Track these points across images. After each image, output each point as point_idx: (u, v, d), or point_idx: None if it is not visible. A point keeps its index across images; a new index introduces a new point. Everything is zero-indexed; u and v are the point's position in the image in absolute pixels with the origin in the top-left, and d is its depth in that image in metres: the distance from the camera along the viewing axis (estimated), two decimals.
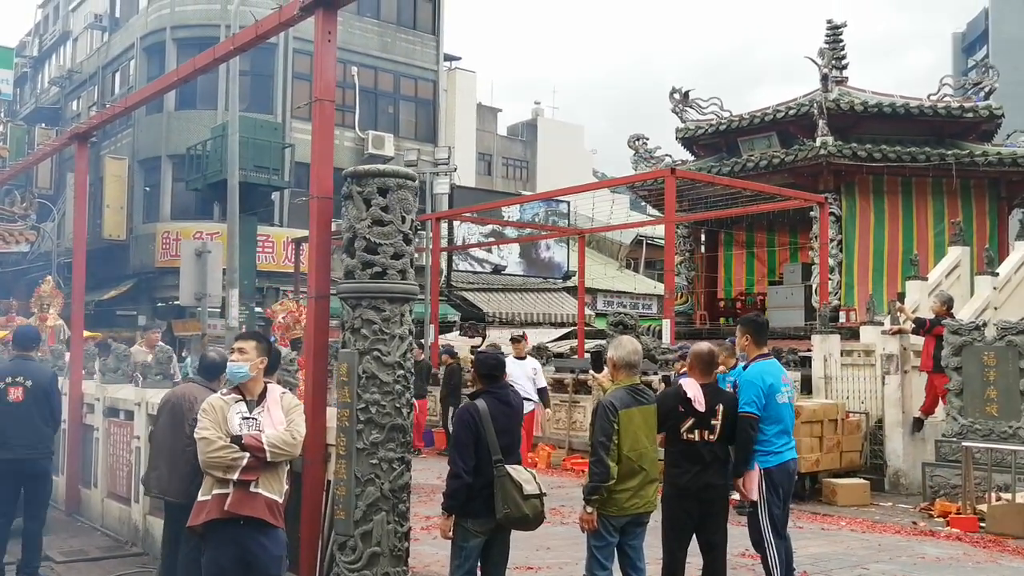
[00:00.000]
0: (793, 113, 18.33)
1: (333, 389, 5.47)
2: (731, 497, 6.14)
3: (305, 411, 4.98)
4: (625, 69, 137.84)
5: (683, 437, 5.44)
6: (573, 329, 24.51)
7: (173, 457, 5.70)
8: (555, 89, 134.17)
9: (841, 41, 19.03)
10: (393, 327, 5.13)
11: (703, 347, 5.76)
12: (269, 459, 4.56)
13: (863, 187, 17.80)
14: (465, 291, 29.70)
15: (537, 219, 31.86)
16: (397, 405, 5.10)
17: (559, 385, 13.98)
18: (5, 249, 20.94)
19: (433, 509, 7.26)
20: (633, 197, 30.33)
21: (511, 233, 30.01)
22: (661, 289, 25.67)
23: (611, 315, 16.55)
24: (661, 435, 5.46)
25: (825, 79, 17.71)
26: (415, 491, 5.95)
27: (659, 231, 31.09)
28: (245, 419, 4.64)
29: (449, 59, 35.76)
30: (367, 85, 29.34)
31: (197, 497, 4.67)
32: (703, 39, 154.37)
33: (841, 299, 17.33)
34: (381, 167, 5.37)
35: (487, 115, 47.25)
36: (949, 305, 11.43)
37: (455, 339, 22.96)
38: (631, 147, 20.90)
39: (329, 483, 5.37)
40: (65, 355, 10.56)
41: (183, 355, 17.44)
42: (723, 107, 20.45)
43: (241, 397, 4.73)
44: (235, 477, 4.50)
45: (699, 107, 20.64)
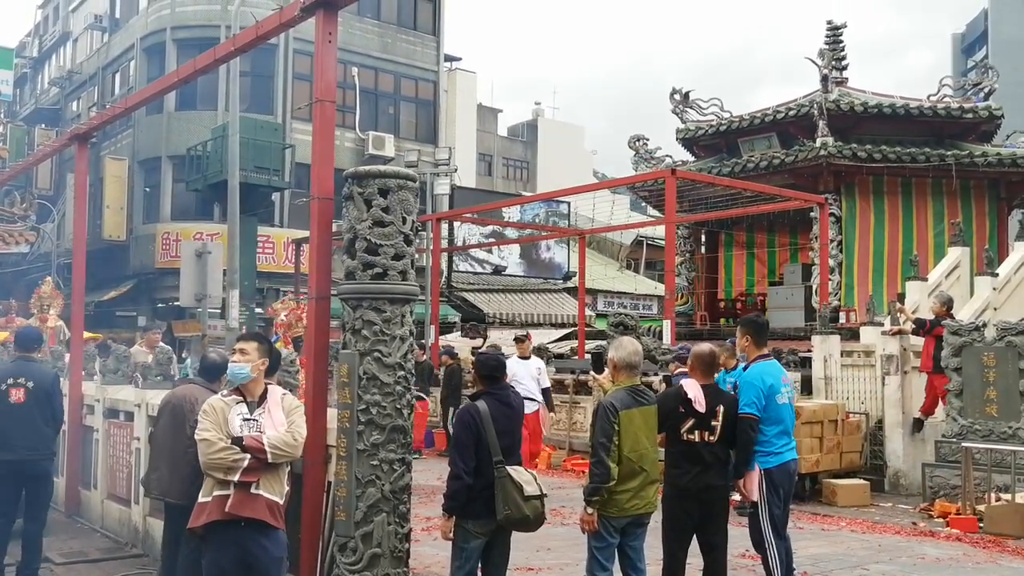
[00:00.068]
0: (793, 114, 18.34)
1: (334, 390, 5.47)
2: (732, 498, 6.14)
3: (306, 412, 4.98)
4: (625, 69, 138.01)
5: (683, 438, 5.45)
6: (573, 330, 24.51)
7: (174, 458, 5.69)
8: (555, 89, 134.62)
9: (841, 42, 19.04)
10: (394, 328, 5.13)
11: (704, 348, 5.77)
12: (270, 460, 4.55)
13: (863, 188, 17.81)
14: (465, 292, 29.70)
15: (537, 220, 31.86)
16: (398, 406, 5.10)
17: (560, 386, 13.98)
18: (5, 250, 20.93)
19: (434, 510, 7.26)
20: (633, 198, 30.34)
21: (511, 234, 29.99)
22: (661, 290, 25.71)
23: (611, 316, 16.55)
24: (661, 435, 5.47)
25: (825, 80, 17.71)
26: (416, 492, 5.94)
27: (659, 232, 31.08)
28: (246, 420, 4.63)
29: (449, 60, 35.76)
30: (367, 86, 29.35)
31: (198, 498, 4.66)
32: (703, 39, 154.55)
33: (841, 300, 17.34)
34: (382, 168, 5.37)
35: (487, 116, 47.24)
36: (949, 306, 11.43)
37: (456, 340, 22.96)
38: (631, 148, 20.91)
39: (330, 484, 5.37)
40: (65, 356, 10.54)
41: (183, 356, 17.45)
42: (723, 108, 20.47)
43: (242, 398, 4.73)
44: (236, 478, 4.50)
45: (699, 108, 20.65)
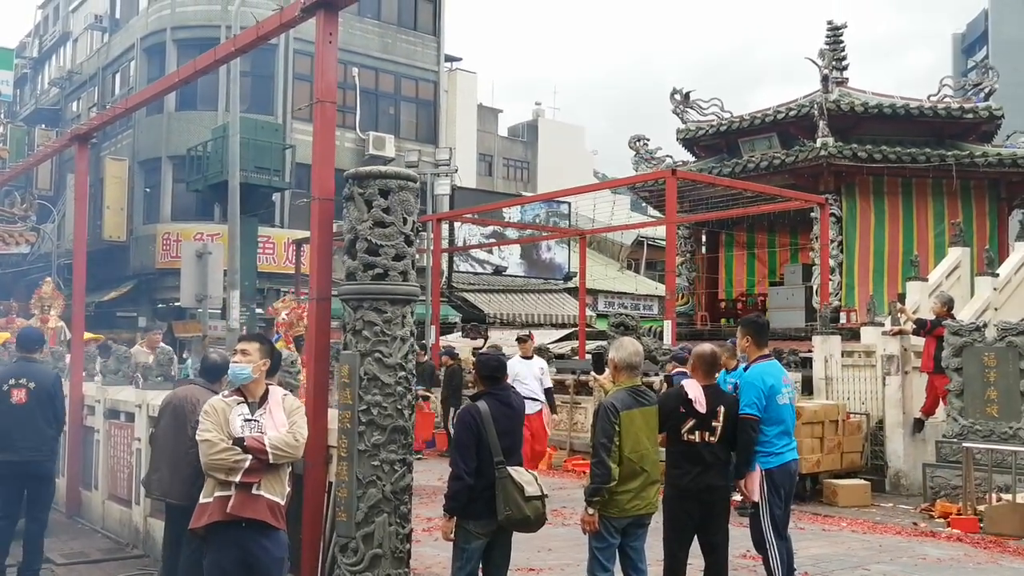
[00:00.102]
0: (794, 114, 18.34)
1: (334, 391, 5.47)
2: (733, 498, 6.14)
3: (306, 413, 4.98)
4: (625, 69, 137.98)
5: (684, 438, 5.45)
6: (574, 330, 24.52)
7: (175, 459, 5.69)
8: (556, 90, 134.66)
9: (841, 42, 19.03)
10: (395, 329, 5.13)
11: (706, 349, 5.77)
12: (272, 461, 4.55)
13: (863, 188, 17.81)
14: (466, 292, 29.70)
15: (538, 220, 31.86)
16: (399, 407, 5.10)
17: (560, 386, 13.98)
18: (5, 250, 20.94)
19: (435, 511, 7.25)
20: (634, 198, 30.33)
21: (512, 234, 29.99)
22: (662, 290, 25.71)
23: (612, 316, 16.56)
24: (662, 436, 5.47)
25: (825, 80, 17.71)
26: (416, 493, 5.95)
27: (660, 232, 31.11)
28: (247, 421, 4.63)
29: (450, 60, 35.75)
30: (368, 86, 29.35)
31: (199, 499, 4.66)
32: (703, 39, 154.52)
33: (842, 300, 17.34)
34: (382, 168, 5.36)
35: (488, 116, 47.23)
36: (950, 306, 11.43)
37: (457, 340, 22.95)
38: (632, 148, 20.91)
39: (331, 485, 5.37)
40: (65, 357, 10.54)
41: (183, 356, 17.46)
42: (723, 108, 20.47)
43: (243, 399, 4.72)
44: (237, 479, 4.50)
45: (700, 108, 20.65)
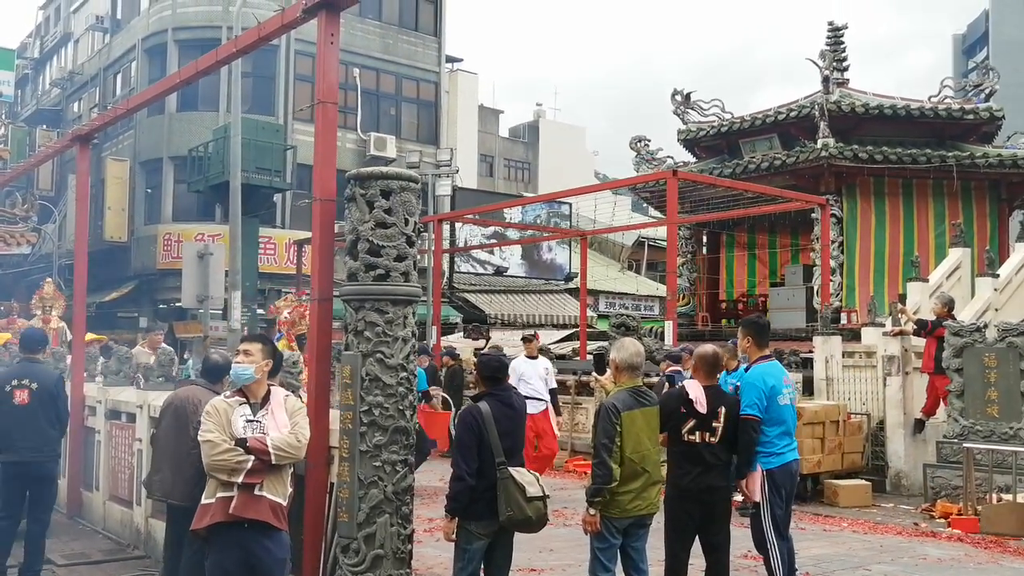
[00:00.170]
0: (794, 115, 18.33)
1: (336, 391, 5.48)
2: (734, 498, 6.15)
3: (308, 413, 4.98)
4: (625, 69, 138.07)
5: (684, 439, 5.46)
6: (575, 331, 24.49)
7: (177, 460, 5.67)
8: (556, 90, 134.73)
9: (842, 43, 19.02)
10: (396, 329, 5.14)
11: (708, 350, 5.78)
12: (274, 462, 4.56)
13: (864, 189, 17.81)
14: (467, 293, 29.69)
15: (539, 221, 31.84)
16: (400, 407, 5.10)
17: (562, 387, 13.97)
18: (6, 251, 20.92)
19: (436, 511, 7.26)
20: (635, 199, 30.34)
21: (513, 235, 29.97)
22: (663, 291, 25.68)
23: (613, 317, 16.55)
24: (663, 436, 5.48)
25: (826, 81, 17.70)
26: (418, 493, 5.95)
27: (661, 233, 31.08)
28: (249, 422, 4.63)
29: (451, 60, 35.75)
30: (369, 87, 29.35)
31: (200, 500, 4.66)
32: (703, 39, 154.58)
33: (842, 301, 17.34)
34: (384, 169, 5.37)
35: (489, 117, 47.24)
36: (950, 307, 11.44)
37: (458, 341, 22.95)
38: (633, 149, 20.91)
39: (332, 486, 5.37)
40: (67, 357, 10.55)
41: (185, 357, 17.47)
42: (724, 109, 20.45)
43: (245, 400, 4.73)
44: (239, 480, 4.50)
45: (700, 109, 20.64)
